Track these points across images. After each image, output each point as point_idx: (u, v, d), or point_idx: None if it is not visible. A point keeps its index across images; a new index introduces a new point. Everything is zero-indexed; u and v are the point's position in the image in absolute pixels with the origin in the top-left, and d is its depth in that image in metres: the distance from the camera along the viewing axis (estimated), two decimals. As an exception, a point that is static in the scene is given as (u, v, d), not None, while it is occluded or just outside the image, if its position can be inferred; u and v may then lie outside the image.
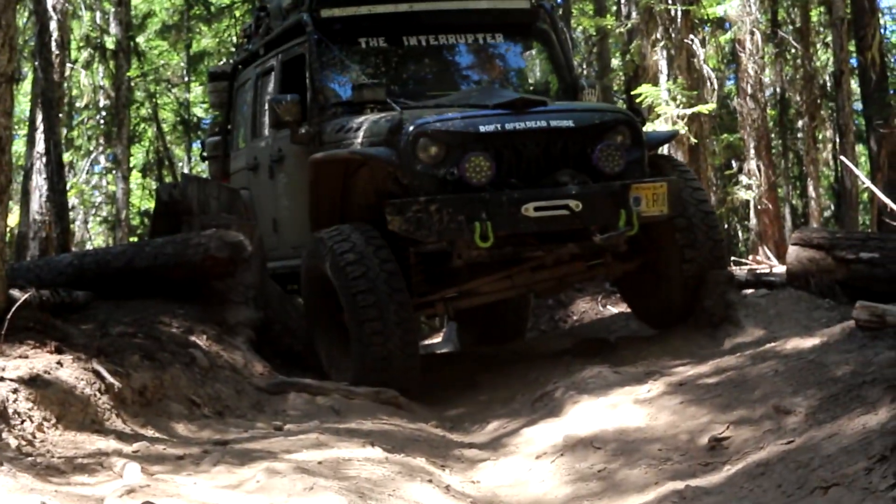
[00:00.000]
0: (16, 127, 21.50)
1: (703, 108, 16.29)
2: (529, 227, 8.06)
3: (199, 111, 28.12)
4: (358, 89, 9.13)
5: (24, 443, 5.53)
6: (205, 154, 11.80)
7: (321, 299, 8.66)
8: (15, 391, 5.75)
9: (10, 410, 5.63)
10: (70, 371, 6.34)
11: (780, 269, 10.45)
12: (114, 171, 24.90)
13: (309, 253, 8.61)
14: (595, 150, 8.21)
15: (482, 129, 8.17)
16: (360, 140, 8.60)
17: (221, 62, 21.65)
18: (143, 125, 26.80)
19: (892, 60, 23.84)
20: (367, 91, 9.06)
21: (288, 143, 9.47)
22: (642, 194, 8.15)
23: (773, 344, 7.15)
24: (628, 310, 11.80)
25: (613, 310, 12.22)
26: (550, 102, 8.82)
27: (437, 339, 13.48)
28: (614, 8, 22.30)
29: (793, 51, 21.79)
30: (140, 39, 25.20)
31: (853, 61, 19.70)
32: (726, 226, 24.09)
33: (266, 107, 10.08)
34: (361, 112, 8.98)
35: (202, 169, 28.34)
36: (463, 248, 8.19)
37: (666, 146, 13.81)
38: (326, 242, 8.27)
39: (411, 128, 8.16)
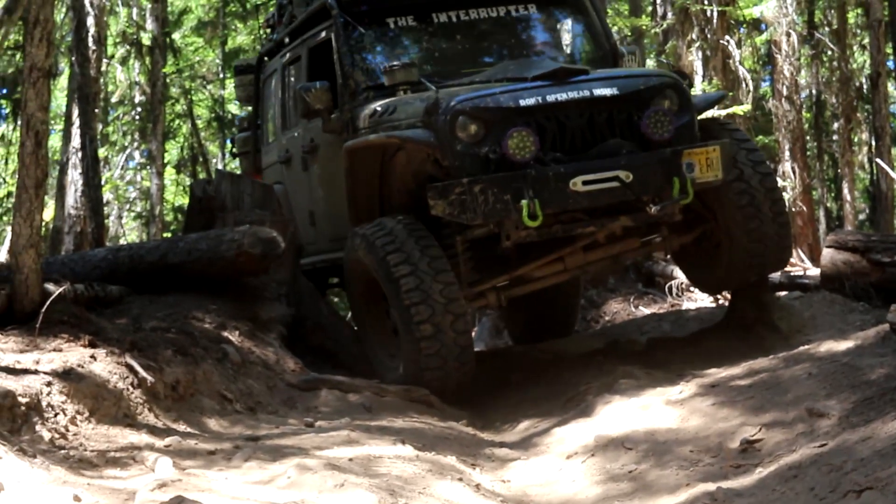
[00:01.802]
0: (52, 122, 21.62)
1: (739, 110, 16.23)
2: (579, 202, 7.73)
3: (233, 108, 28.15)
4: (389, 71, 8.75)
5: (57, 436, 5.56)
6: (235, 151, 11.63)
7: (366, 297, 8.45)
8: (49, 384, 5.78)
9: (44, 403, 5.66)
10: (103, 365, 6.37)
11: (815, 271, 10.42)
12: (148, 167, 25.00)
13: (351, 248, 8.34)
14: (643, 118, 7.87)
15: (523, 102, 7.85)
16: (395, 123, 8.31)
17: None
18: (177, 121, 26.85)
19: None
20: (398, 72, 8.68)
21: (320, 132, 9.25)
22: (695, 160, 7.80)
23: (806, 346, 7.13)
24: (661, 310, 11.80)
25: (645, 310, 12.20)
26: (591, 71, 8.44)
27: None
28: (650, 8, 22.24)
29: (829, 52, 21.68)
30: (176, 36, 25.26)
31: (890, 63, 19.60)
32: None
33: (294, 97, 9.85)
34: (394, 94, 8.68)
35: (236, 165, 28.41)
36: (511, 229, 7.87)
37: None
38: (374, 243, 7.99)
39: (449, 106, 7.86)
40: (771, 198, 8.30)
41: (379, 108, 8.57)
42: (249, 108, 11.81)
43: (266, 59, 11.03)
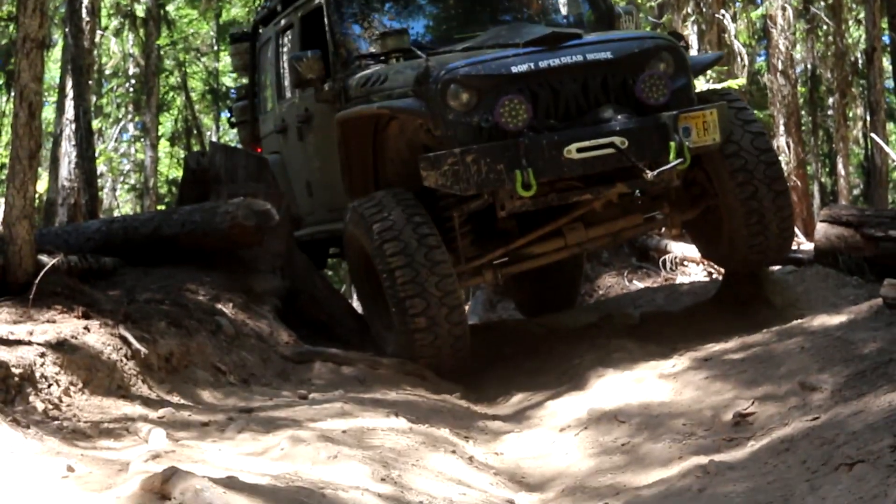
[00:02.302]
0: (46, 94, 21.59)
1: (734, 84, 16.15)
2: (574, 170, 7.47)
3: (227, 80, 28.14)
4: (381, 38, 8.57)
5: (50, 407, 5.57)
6: (233, 120, 11.51)
7: (364, 270, 8.32)
8: (42, 355, 5.79)
9: (38, 374, 5.66)
10: (97, 336, 6.37)
11: (808, 246, 10.43)
12: (142, 139, 25.00)
13: (347, 222, 8.20)
14: (637, 82, 7.62)
15: (514, 69, 7.61)
16: (386, 92, 8.12)
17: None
18: (171, 94, 26.85)
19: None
20: (390, 39, 8.47)
21: (314, 102, 9.13)
22: (692, 123, 7.56)
23: (799, 321, 7.13)
24: (654, 284, 11.81)
25: (639, 284, 12.22)
26: (585, 34, 8.15)
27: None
28: (645, -18, 22.20)
29: (824, 27, 21.66)
30: (170, 8, 25.21)
31: (885, 38, 19.55)
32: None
33: (288, 66, 9.68)
34: (387, 62, 8.52)
35: (230, 138, 28.40)
36: (505, 199, 7.68)
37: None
38: (370, 227, 7.81)
39: (439, 74, 7.62)
40: (774, 189, 8.08)
41: (370, 77, 8.40)
42: (244, 80, 11.71)
43: (261, 26, 10.87)
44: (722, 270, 10.10)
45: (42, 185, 17.30)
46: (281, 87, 10.30)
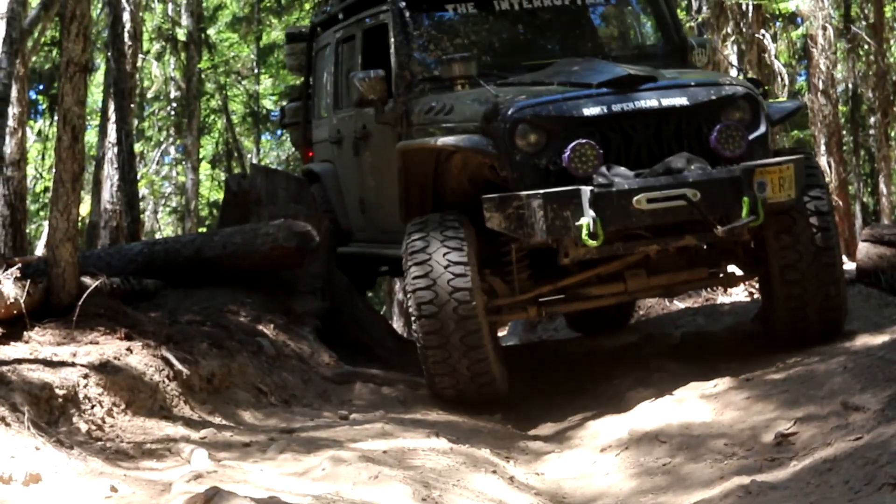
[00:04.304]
0: (88, 117, 21.76)
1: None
2: (642, 220, 7.12)
3: (268, 103, 28.28)
4: (447, 64, 8.24)
5: (94, 427, 5.61)
6: (285, 121, 11.29)
7: None
8: (86, 376, 5.83)
9: (81, 395, 5.71)
10: (139, 357, 6.42)
11: (850, 265, 10.37)
12: (183, 162, 25.14)
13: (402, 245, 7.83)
14: (713, 131, 7.31)
15: (587, 111, 7.29)
16: (451, 125, 7.82)
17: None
18: (212, 116, 26.98)
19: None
20: (456, 66, 8.15)
21: (372, 119, 8.88)
22: (767, 178, 7.16)
23: (841, 341, 7.09)
24: (695, 304, 11.76)
25: (680, 305, 12.16)
26: (660, 75, 7.75)
27: (503, 332, 13.46)
28: (685, 2, 22.18)
29: (866, 47, 21.54)
30: (211, 31, 25.36)
31: (927, 57, 19.47)
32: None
33: (347, 81, 9.40)
34: (451, 88, 8.23)
35: (271, 160, 28.51)
36: (570, 247, 7.32)
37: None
38: (406, 254, 7.52)
39: (508, 113, 7.32)
40: (821, 260, 7.56)
41: (434, 106, 8.15)
42: (293, 86, 11.57)
43: (319, 29, 10.66)
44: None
45: (85, 208, 17.45)
46: (338, 96, 10.08)
